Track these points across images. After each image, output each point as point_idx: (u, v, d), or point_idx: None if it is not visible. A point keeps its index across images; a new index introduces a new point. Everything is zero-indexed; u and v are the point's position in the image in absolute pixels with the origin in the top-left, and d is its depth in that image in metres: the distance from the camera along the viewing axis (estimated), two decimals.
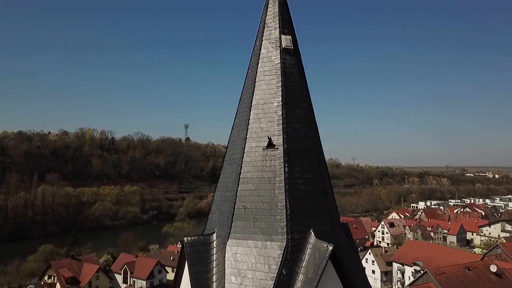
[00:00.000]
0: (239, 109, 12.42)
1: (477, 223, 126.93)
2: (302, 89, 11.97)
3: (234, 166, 11.49)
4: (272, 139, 11.09)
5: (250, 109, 11.66)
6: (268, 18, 12.28)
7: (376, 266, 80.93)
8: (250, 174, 11.00)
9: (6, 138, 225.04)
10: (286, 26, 12.19)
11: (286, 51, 11.90)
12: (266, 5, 12.47)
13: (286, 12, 12.36)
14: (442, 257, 67.04)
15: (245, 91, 12.36)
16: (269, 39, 12.10)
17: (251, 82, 12.04)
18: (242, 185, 10.98)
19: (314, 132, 11.88)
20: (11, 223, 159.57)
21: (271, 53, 11.96)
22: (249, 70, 12.56)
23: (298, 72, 12.02)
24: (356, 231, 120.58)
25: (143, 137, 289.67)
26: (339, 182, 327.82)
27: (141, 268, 74.60)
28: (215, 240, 11.09)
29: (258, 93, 11.76)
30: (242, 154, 11.28)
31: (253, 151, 11.19)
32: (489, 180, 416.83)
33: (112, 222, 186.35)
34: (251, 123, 11.52)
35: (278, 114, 11.28)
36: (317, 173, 11.32)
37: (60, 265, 70.19)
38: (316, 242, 10.04)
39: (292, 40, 12.08)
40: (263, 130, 11.31)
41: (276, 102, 11.42)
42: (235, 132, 12.20)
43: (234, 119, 12.63)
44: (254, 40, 12.62)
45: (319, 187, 11.17)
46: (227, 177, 11.74)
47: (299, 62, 12.25)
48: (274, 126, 11.20)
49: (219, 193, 12.01)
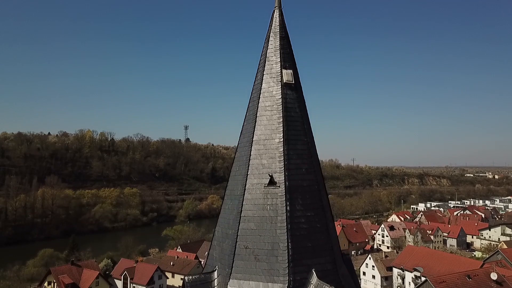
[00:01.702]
0: (240, 143, 12.35)
1: (477, 226, 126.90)
2: (304, 123, 11.91)
3: (235, 202, 11.42)
4: (274, 176, 11.02)
5: (252, 144, 11.60)
6: (269, 52, 12.20)
7: (376, 271, 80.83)
8: (252, 212, 10.94)
9: (6, 139, 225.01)
10: (287, 59, 12.12)
11: (287, 86, 11.84)
12: (267, 38, 12.39)
13: (287, 46, 12.29)
14: (442, 263, 66.96)
15: (246, 124, 12.28)
16: (270, 73, 12.03)
17: (252, 117, 11.97)
18: (243, 223, 10.92)
19: (316, 167, 11.80)
20: (11, 226, 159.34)
21: (272, 88, 11.89)
22: (250, 104, 12.47)
23: (299, 106, 11.96)
24: (356, 234, 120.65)
25: (143, 139, 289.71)
26: (339, 183, 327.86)
27: (141, 273, 74.52)
28: (216, 278, 11.04)
29: (259, 128, 11.70)
30: (243, 191, 11.22)
31: (255, 188, 11.13)
32: (489, 181, 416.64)
33: (112, 225, 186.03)
34: (252, 159, 11.46)
35: (279, 151, 11.22)
36: (319, 210, 11.26)
37: (60, 271, 69.98)
38: (317, 284, 10.00)
39: (293, 74, 12.00)
40: (264, 167, 11.25)
41: (277, 138, 11.35)
42: (236, 167, 12.13)
43: (235, 152, 12.56)
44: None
45: (321, 225, 11.11)
46: (228, 213, 11.66)
47: (300, 96, 12.19)
48: (276, 163, 11.14)
49: (220, 228, 11.93)
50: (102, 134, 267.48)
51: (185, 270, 77.10)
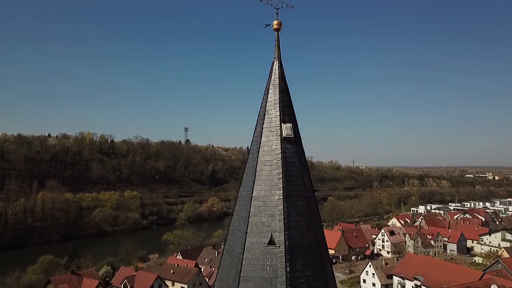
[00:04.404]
0: (239, 196, 12.23)
1: (477, 230, 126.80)
2: (304, 178, 11.80)
3: (234, 260, 11.31)
4: (274, 235, 10.92)
5: (251, 200, 11.49)
6: (269, 105, 12.09)
7: (376, 279, 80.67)
8: (251, 272, 10.83)
9: (6, 142, 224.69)
10: (287, 113, 12.01)
11: (287, 140, 11.73)
12: (267, 91, 12.28)
13: (287, 99, 12.17)
14: (443, 272, 66.87)
15: (245, 177, 12.16)
16: (270, 127, 11.92)
17: (252, 170, 11.87)
18: (243, 283, 10.81)
19: (316, 223, 11.69)
20: (11, 230, 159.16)
21: (271, 142, 11.78)
22: (249, 155, 12.37)
23: (299, 160, 11.85)
24: (356, 239, 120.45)
25: (142, 140, 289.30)
26: (339, 185, 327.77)
27: (141, 282, 74.33)
28: None
29: (258, 183, 11.59)
30: (242, 250, 11.11)
31: (254, 247, 11.02)
32: (489, 182, 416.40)
33: (112, 228, 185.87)
34: (252, 216, 11.35)
35: (279, 209, 11.11)
36: (320, 268, 11.16)
37: (59, 280, 69.84)
38: None
39: (293, 127, 11.89)
40: (264, 225, 11.15)
41: (277, 195, 11.25)
42: (235, 221, 12.01)
43: (235, 205, 12.44)
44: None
45: (321, 284, 11.01)
46: (228, 271, 11.55)
47: (300, 149, 12.08)
48: (276, 222, 11.04)
49: (220, 284, 11.82)
50: (102, 136, 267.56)
51: (185, 279, 77.03)
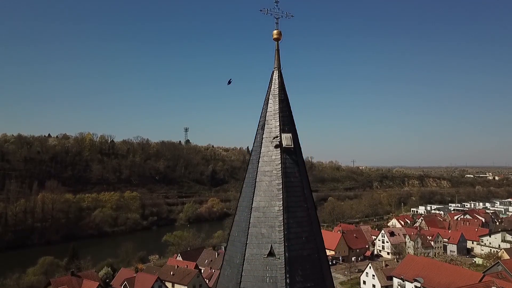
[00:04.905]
0: (239, 206, 12.20)
1: (477, 231, 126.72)
2: (304, 188, 11.77)
3: (234, 271, 11.29)
4: (273, 247, 10.89)
5: (251, 211, 11.46)
6: (269, 115, 12.06)
7: (376, 280, 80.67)
8: (251, 284, 10.80)
9: (6, 142, 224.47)
10: (287, 123, 11.98)
11: (287, 150, 11.69)
12: (266, 100, 12.25)
13: (287, 108, 12.14)
14: (443, 274, 66.84)
15: (245, 187, 12.13)
16: (270, 137, 11.87)
17: (252, 181, 11.83)
18: None
19: (316, 233, 11.66)
20: (11, 231, 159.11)
21: (271, 152, 11.74)
22: (249, 166, 12.33)
23: (299, 170, 11.81)
24: (356, 240, 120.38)
25: (142, 141, 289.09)
26: (339, 185, 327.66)
27: (141, 284, 74.27)
28: None
29: (258, 194, 11.56)
30: (242, 261, 11.08)
31: (254, 259, 10.99)
32: (489, 182, 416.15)
33: (112, 229, 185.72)
34: (252, 227, 11.32)
35: (279, 220, 11.08)
36: (320, 280, 11.12)
37: (59, 282, 69.78)
38: None
39: (293, 137, 11.85)
40: (264, 236, 11.11)
41: (277, 206, 11.21)
42: (235, 232, 11.98)
43: (235, 215, 12.41)
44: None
45: None
46: (227, 281, 11.52)
47: (300, 159, 12.05)
48: (276, 233, 11.00)
49: None
50: (102, 137, 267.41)
51: (185, 280, 76.98)
